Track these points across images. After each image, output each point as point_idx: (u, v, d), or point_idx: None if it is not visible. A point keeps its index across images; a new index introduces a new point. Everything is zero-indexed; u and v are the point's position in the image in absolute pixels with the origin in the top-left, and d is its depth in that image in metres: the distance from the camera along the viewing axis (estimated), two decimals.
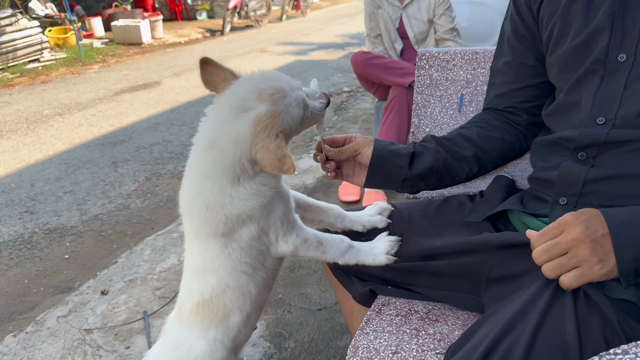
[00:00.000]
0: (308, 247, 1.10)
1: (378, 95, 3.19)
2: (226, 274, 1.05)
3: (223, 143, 0.96)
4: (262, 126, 0.93)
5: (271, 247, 1.08)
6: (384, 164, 1.12)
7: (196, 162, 1.02)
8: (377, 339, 1.07)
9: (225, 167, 0.96)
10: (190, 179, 1.03)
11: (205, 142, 0.99)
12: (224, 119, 0.97)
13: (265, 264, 1.10)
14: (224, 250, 1.03)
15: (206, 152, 0.99)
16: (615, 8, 0.90)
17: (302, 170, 3.54)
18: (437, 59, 1.43)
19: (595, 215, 0.78)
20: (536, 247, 0.82)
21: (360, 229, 1.22)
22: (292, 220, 1.09)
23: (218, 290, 1.06)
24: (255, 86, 0.97)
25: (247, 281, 1.07)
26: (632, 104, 0.87)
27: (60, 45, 8.77)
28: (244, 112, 0.94)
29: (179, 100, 5.61)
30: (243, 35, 10.79)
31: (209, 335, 1.09)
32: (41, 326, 2.06)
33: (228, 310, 1.08)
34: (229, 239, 1.02)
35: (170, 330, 1.16)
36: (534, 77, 1.14)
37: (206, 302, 1.07)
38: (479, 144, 1.17)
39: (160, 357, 1.15)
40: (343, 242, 1.13)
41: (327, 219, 1.23)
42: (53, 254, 2.64)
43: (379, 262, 1.14)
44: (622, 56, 0.89)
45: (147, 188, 3.40)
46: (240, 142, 0.94)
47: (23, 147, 4.31)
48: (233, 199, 0.98)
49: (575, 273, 0.77)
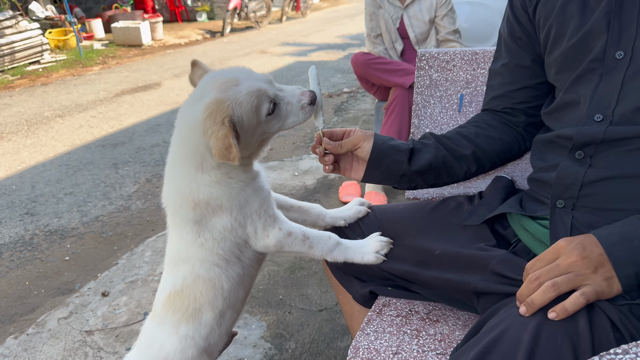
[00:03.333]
0: (293, 241, 1.10)
1: (378, 96, 3.19)
2: (197, 264, 1.06)
3: (184, 130, 1.02)
4: (209, 112, 0.95)
5: (250, 240, 1.08)
6: (383, 158, 1.12)
7: (170, 151, 1.07)
8: (377, 340, 1.07)
9: (187, 153, 1.01)
10: (166, 170, 1.09)
11: (176, 128, 1.05)
12: (185, 108, 1.02)
13: (242, 258, 1.10)
14: (196, 240, 1.04)
15: (175, 137, 1.05)
16: (612, 6, 0.90)
17: (303, 171, 3.54)
18: (437, 60, 1.43)
19: (588, 237, 0.79)
20: (532, 272, 0.81)
21: (342, 224, 1.25)
22: (272, 214, 1.09)
23: (189, 280, 1.07)
24: (214, 77, 1.01)
25: (219, 274, 1.07)
26: (630, 100, 0.87)
27: (61, 47, 8.78)
28: (199, 100, 0.98)
29: (179, 102, 5.61)
30: (243, 37, 10.80)
31: (180, 331, 1.09)
32: (42, 328, 2.06)
33: (199, 305, 1.08)
34: (201, 227, 1.03)
35: (144, 329, 1.17)
36: (531, 78, 1.14)
37: (177, 293, 1.08)
38: (478, 143, 1.17)
39: (135, 358, 1.15)
40: (330, 238, 1.13)
41: (309, 217, 1.26)
42: (54, 255, 2.64)
43: (368, 261, 1.14)
44: (619, 53, 0.89)
45: (148, 189, 3.41)
46: (195, 128, 0.97)
47: (23, 149, 4.31)
48: (199, 185, 1.01)
49: (589, 289, 0.76)
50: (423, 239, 1.15)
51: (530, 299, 0.79)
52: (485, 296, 1.00)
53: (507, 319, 0.81)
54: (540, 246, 1.00)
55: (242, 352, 1.87)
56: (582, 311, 0.76)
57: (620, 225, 0.80)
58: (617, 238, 0.77)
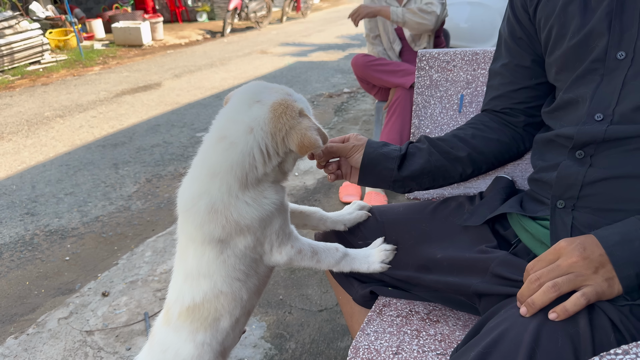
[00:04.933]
0: (302, 257, 1.11)
1: (378, 96, 3.19)
2: (220, 280, 1.05)
3: (234, 132, 0.96)
4: (283, 109, 0.95)
5: (265, 256, 1.09)
6: (374, 166, 1.15)
7: (204, 157, 1.02)
8: (377, 340, 1.07)
9: (235, 160, 0.96)
10: (196, 177, 1.02)
11: (215, 135, 1.00)
12: (236, 109, 0.99)
13: (258, 271, 1.11)
14: (219, 256, 1.03)
15: (215, 145, 0.99)
16: (613, 7, 0.90)
17: (303, 171, 3.54)
18: (437, 60, 1.43)
19: (589, 238, 0.79)
20: (532, 273, 0.81)
21: (342, 228, 1.26)
22: (287, 232, 1.09)
23: (211, 295, 1.06)
24: (263, 85, 1.01)
25: (239, 287, 1.08)
26: (630, 100, 0.87)
27: (61, 47, 8.78)
28: (257, 102, 0.97)
29: (179, 102, 5.61)
30: (243, 37, 10.80)
31: (197, 338, 1.09)
32: (42, 328, 2.06)
33: (219, 315, 1.08)
34: (225, 245, 1.03)
35: (157, 333, 1.16)
36: (531, 78, 1.14)
37: (197, 306, 1.07)
38: (474, 144, 1.17)
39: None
40: (338, 250, 1.14)
41: (310, 222, 1.26)
42: (54, 255, 2.64)
43: (374, 270, 1.15)
44: (621, 54, 0.89)
45: (148, 190, 3.41)
46: (256, 129, 0.95)
47: (24, 149, 4.31)
48: (238, 200, 0.98)
49: (589, 289, 0.76)
50: (424, 243, 1.16)
51: (531, 299, 0.79)
52: (486, 297, 1.00)
53: (507, 320, 0.81)
54: (540, 246, 1.00)
55: (242, 353, 1.87)
56: (582, 312, 0.76)
57: (621, 225, 0.80)
58: (618, 239, 0.77)
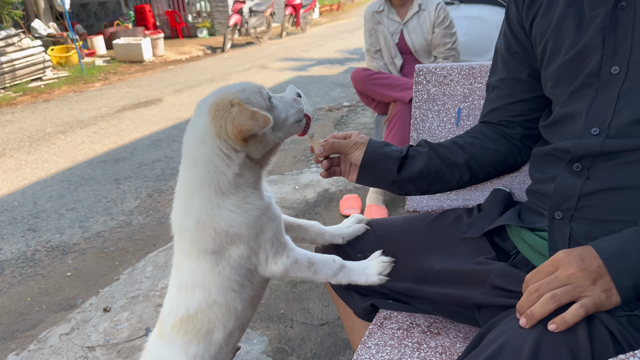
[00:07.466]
0: (299, 268, 1.11)
1: (378, 110, 3.21)
2: (214, 290, 1.06)
3: (193, 148, 1.01)
4: (216, 107, 0.97)
5: (260, 267, 1.09)
6: (374, 165, 1.15)
7: (181, 179, 1.06)
8: (379, 353, 1.07)
9: (202, 173, 0.99)
10: (180, 198, 1.07)
11: (184, 155, 1.04)
12: (190, 126, 1.03)
13: (253, 281, 1.12)
14: (214, 268, 1.04)
15: (185, 164, 1.04)
16: (606, 23, 0.92)
17: (303, 184, 3.55)
18: (434, 75, 1.45)
19: (587, 249, 0.80)
20: (531, 284, 0.82)
21: (341, 242, 1.26)
22: (282, 242, 1.10)
23: (205, 305, 1.07)
24: (214, 91, 1.03)
25: (234, 298, 1.08)
26: (625, 114, 0.89)
27: (63, 63, 8.86)
28: (201, 111, 1.00)
29: (180, 117, 5.65)
30: (244, 52, 10.89)
31: (190, 351, 1.09)
32: (44, 344, 2.06)
33: (212, 326, 1.08)
34: (219, 257, 1.04)
35: (150, 348, 1.16)
36: (528, 91, 1.15)
37: (191, 317, 1.08)
38: (472, 152, 1.19)
39: None
40: (335, 262, 1.15)
41: (309, 235, 1.27)
42: (55, 271, 2.65)
43: (372, 282, 1.15)
44: (615, 69, 0.91)
45: (149, 205, 3.42)
46: (205, 137, 0.98)
47: (26, 165, 4.33)
48: (221, 209, 1.00)
49: (588, 300, 0.76)
50: (423, 255, 1.16)
51: (530, 310, 0.79)
52: (485, 309, 1.01)
53: (507, 331, 0.81)
54: (539, 258, 1.01)
55: None
56: (581, 323, 0.77)
57: (618, 237, 0.81)
58: (615, 250, 0.78)
